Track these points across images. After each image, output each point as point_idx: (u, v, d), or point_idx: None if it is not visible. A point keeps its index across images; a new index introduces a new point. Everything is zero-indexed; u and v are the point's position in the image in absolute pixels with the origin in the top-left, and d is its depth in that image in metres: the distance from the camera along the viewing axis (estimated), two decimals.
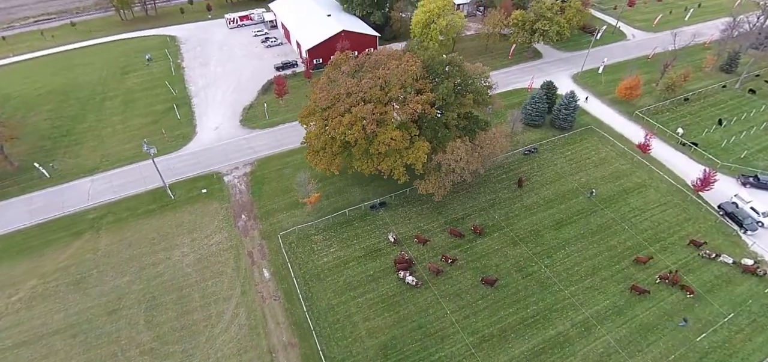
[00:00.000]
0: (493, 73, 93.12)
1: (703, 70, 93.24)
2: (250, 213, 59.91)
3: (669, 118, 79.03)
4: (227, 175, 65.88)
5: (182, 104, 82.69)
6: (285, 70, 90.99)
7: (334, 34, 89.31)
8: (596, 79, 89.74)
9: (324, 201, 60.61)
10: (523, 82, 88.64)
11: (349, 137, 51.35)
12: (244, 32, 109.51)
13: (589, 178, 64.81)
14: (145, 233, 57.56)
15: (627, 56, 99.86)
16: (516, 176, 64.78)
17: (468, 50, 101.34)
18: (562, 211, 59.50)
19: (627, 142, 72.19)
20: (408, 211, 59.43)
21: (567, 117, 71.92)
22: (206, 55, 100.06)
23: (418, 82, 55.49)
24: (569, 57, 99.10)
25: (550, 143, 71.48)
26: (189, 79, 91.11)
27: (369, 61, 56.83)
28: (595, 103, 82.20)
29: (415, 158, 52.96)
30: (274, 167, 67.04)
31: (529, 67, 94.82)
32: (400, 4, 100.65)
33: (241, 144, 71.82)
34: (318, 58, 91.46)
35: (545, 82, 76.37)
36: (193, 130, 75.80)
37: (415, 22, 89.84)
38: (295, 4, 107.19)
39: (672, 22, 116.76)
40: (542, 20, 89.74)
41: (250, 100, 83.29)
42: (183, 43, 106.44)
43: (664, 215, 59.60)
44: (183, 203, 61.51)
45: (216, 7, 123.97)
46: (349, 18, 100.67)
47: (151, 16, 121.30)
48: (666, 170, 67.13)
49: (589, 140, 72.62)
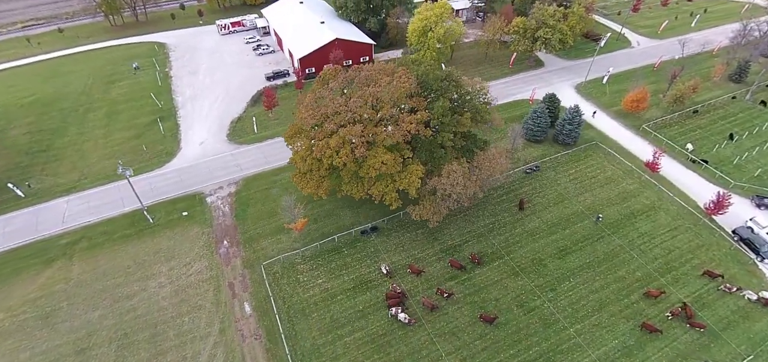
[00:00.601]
0: (493, 82, 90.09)
1: (712, 80, 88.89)
2: (232, 239, 55.83)
3: (677, 132, 74.73)
4: (210, 196, 61.78)
5: (168, 116, 78.60)
6: (276, 80, 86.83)
7: (327, 43, 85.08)
8: (601, 90, 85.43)
9: (312, 225, 56.50)
10: (525, 93, 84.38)
11: (336, 160, 47.31)
12: (235, 39, 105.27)
13: (594, 199, 60.64)
14: (120, 261, 53.50)
15: (632, 65, 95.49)
16: (517, 196, 60.62)
17: (467, 58, 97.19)
18: (566, 237, 55.33)
19: (634, 159, 67.93)
20: (401, 237, 55.29)
21: (571, 132, 67.69)
22: (195, 64, 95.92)
23: (412, 99, 51.34)
24: (572, 66, 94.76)
25: (552, 160, 67.20)
26: (176, 89, 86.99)
27: (359, 77, 52.64)
28: (600, 115, 77.81)
29: (409, 183, 48.81)
30: (261, 186, 62.92)
31: (530, 77, 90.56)
32: (397, 10, 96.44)
33: (227, 161, 67.70)
34: (310, 67, 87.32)
35: (547, 94, 72.13)
36: (178, 145, 71.66)
37: (412, 30, 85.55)
38: (287, 9, 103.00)
39: (678, 28, 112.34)
40: (544, 28, 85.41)
41: (239, 112, 79.15)
42: (172, 50, 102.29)
43: (675, 241, 55.39)
44: (162, 227, 57.44)
45: (208, 12, 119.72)
46: (343, 25, 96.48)
47: (141, 22, 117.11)
48: (676, 190, 62.89)
49: (594, 156, 68.38)
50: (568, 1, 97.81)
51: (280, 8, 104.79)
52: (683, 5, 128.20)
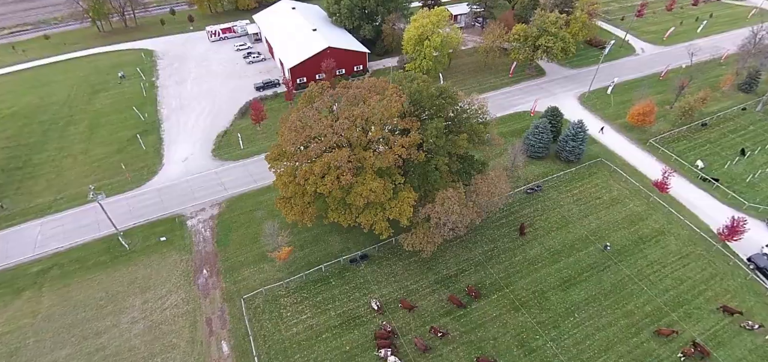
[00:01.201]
0: (492, 93, 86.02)
1: (721, 90, 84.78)
2: (212, 267, 51.90)
3: (686, 147, 70.63)
4: (191, 218, 57.83)
5: (151, 130, 74.62)
6: (265, 91, 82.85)
7: (318, 52, 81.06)
8: (605, 101, 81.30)
9: (297, 252, 52.55)
10: (525, 104, 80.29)
11: (321, 188, 43.37)
12: (226, 46, 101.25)
13: (600, 223, 56.60)
14: (92, 292, 49.55)
15: (637, 73, 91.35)
16: (517, 220, 56.59)
17: (465, 67, 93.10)
18: (570, 265, 51.29)
19: (641, 177, 63.86)
20: (393, 265, 51.28)
21: (574, 149, 63.64)
22: (183, 72, 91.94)
23: (404, 119, 47.32)
24: (575, 75, 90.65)
25: (555, 179, 63.18)
26: (162, 99, 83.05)
27: (347, 95, 48.61)
28: (604, 129, 73.71)
29: (400, 212, 44.83)
30: (245, 208, 58.97)
31: (531, 87, 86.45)
32: (393, 16, 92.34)
33: (211, 180, 63.74)
34: (301, 77, 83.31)
35: (549, 108, 68.03)
36: (160, 162, 67.70)
37: (407, 39, 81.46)
38: (279, 16, 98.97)
39: (684, 34, 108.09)
40: (546, 36, 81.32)
41: (226, 125, 75.13)
42: (160, 58, 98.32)
43: (686, 270, 51.35)
44: (139, 254, 53.48)
45: (199, 17, 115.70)
46: (337, 32, 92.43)
47: (130, 28, 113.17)
48: (686, 212, 58.80)
49: (599, 175, 64.31)
50: (570, 6, 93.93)
51: (272, 14, 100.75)
52: (688, 10, 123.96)
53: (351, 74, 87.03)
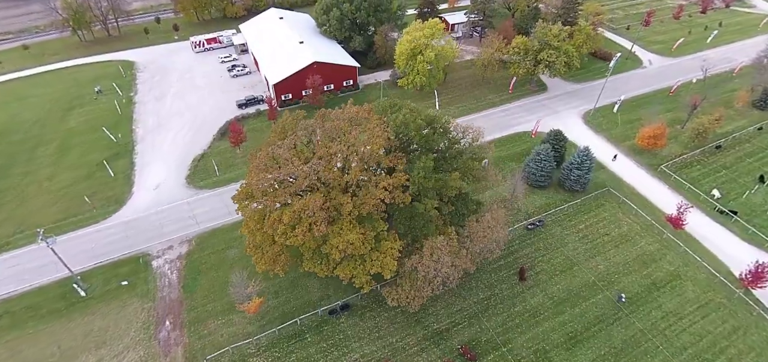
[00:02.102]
0: (491, 111, 79.66)
1: (735, 107, 78.41)
2: (177, 318, 46.01)
3: (699, 173, 64.41)
4: (157, 258, 51.92)
5: (123, 152, 68.63)
6: (248, 108, 76.78)
7: (304, 67, 74.93)
8: (612, 120, 74.99)
9: (271, 300, 46.66)
10: (526, 123, 73.99)
11: (290, 240, 37.49)
12: (210, 58, 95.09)
13: (608, 265, 50.51)
14: (42, 347, 43.72)
15: (645, 88, 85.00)
16: (517, 262, 50.56)
17: (462, 81, 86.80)
18: (576, 318, 45.24)
19: (653, 209, 57.69)
20: (377, 318, 45.26)
21: (580, 178, 57.59)
22: (164, 86, 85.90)
23: (389, 156, 41.35)
24: (579, 90, 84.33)
25: (559, 212, 57.02)
26: (138, 117, 77.04)
27: (324, 128, 42.66)
28: (611, 152, 67.39)
29: (382, 265, 38.95)
30: (217, 245, 53.01)
31: (532, 103, 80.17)
32: (385, 27, 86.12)
33: (182, 212, 57.82)
34: (287, 93, 77.24)
35: (552, 131, 61.80)
36: (129, 190, 61.77)
37: (399, 53, 75.20)
38: (266, 26, 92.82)
39: (693, 44, 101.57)
40: (548, 49, 75.03)
41: (204, 147, 69.02)
42: (141, 70, 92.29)
43: (706, 322, 45.23)
44: (97, 301, 47.61)
45: (185, 26, 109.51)
46: (326, 44, 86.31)
47: (113, 37, 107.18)
48: (703, 250, 52.61)
49: (606, 207, 58.14)
50: (573, 13, 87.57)
51: (259, 24, 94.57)
52: (696, 18, 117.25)
53: (340, 90, 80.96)
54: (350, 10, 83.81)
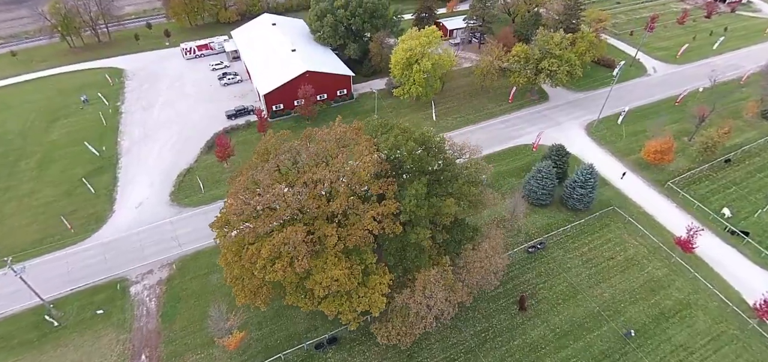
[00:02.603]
0: (490, 121, 76.14)
1: (744, 118, 74.98)
2: (153, 351, 42.84)
3: (708, 190, 61.09)
4: (136, 284, 48.80)
5: (107, 166, 65.46)
6: (237, 120, 73.52)
7: (296, 76, 71.70)
8: (616, 132, 71.62)
9: (254, 332, 43.45)
10: (527, 135, 70.66)
11: (270, 275, 34.34)
12: (201, 65, 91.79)
13: (614, 292, 47.24)
14: None
15: (650, 97, 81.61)
16: (516, 289, 47.34)
17: (460, 90, 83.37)
18: (579, 353, 41.89)
19: (660, 230, 54.37)
20: (367, 352, 42.00)
21: (583, 197, 54.36)
22: (152, 95, 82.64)
23: (378, 181, 38.15)
24: (581, 99, 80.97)
25: (561, 233, 53.72)
26: (124, 129, 73.79)
27: (309, 152, 39.48)
28: (615, 167, 64.17)
29: (370, 303, 35.83)
30: (199, 270, 49.80)
31: (533, 114, 76.78)
32: (381, 34, 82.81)
33: (164, 232, 54.64)
34: (278, 103, 74.04)
35: (554, 146, 58.49)
36: (111, 208, 58.62)
37: (395, 62, 71.92)
38: (258, 32, 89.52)
39: (698, 51, 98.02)
40: (549, 58, 71.69)
41: (190, 161, 65.84)
42: (129, 78, 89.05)
43: (719, 357, 41.82)
44: (70, 332, 44.41)
45: (177, 32, 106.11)
46: (319, 52, 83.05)
47: (103, 43, 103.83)
48: (714, 275, 49.29)
49: (611, 227, 54.79)
50: (575, 19, 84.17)
51: (251, 31, 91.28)
52: (701, 23, 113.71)
53: (334, 99, 77.72)
54: (345, 17, 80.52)
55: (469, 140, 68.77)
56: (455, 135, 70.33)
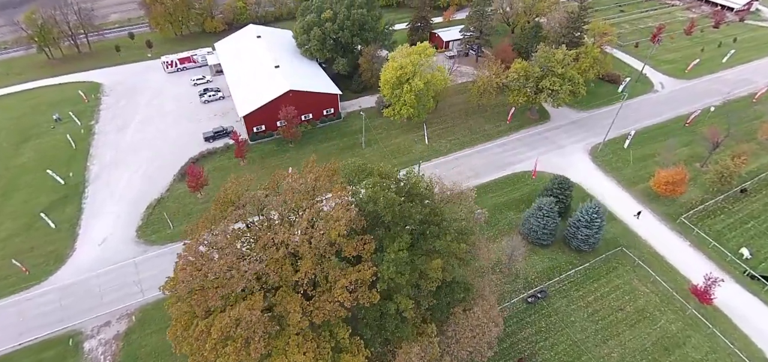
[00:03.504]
0: (487, 145, 69.72)
1: (758, 141, 69.20)
2: None
3: (725, 225, 55.38)
4: (91, 338, 43.27)
5: (72, 195, 59.90)
6: (215, 142, 67.79)
7: (279, 96, 66.04)
8: (622, 157, 65.85)
9: None
10: (526, 160, 64.85)
11: (221, 358, 28.87)
12: (183, 79, 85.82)
13: (623, 353, 41.61)
14: None
15: (657, 117, 75.70)
16: (514, 350, 41.69)
17: (455, 109, 77.24)
18: None
19: (673, 275, 48.65)
20: None
21: (588, 238, 48.83)
22: (128, 113, 76.85)
23: (353, 240, 32.66)
24: (585, 119, 75.13)
25: (564, 279, 48.23)
26: (95, 152, 68.09)
27: (274, 203, 34.00)
28: (623, 199, 58.55)
29: None
30: (161, 321, 43.83)
31: (533, 136, 70.91)
32: (371, 48, 77.06)
33: (127, 275, 49.16)
34: (259, 125, 68.36)
35: (556, 180, 52.84)
36: (72, 244, 53.10)
37: (384, 81, 66.24)
38: (241, 45, 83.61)
39: (707, 64, 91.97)
40: (551, 77, 66.02)
41: (161, 190, 60.28)
42: (107, 93, 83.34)
43: None
44: None
45: (160, 43, 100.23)
46: (305, 67, 77.26)
47: (83, 54, 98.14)
48: (733, 329, 43.65)
49: (619, 271, 49.13)
50: (578, 32, 78.29)
51: (234, 43, 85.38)
52: (708, 33, 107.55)
53: (320, 119, 72.14)
54: (332, 30, 74.82)
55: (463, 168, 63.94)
56: (449, 160, 65.21)
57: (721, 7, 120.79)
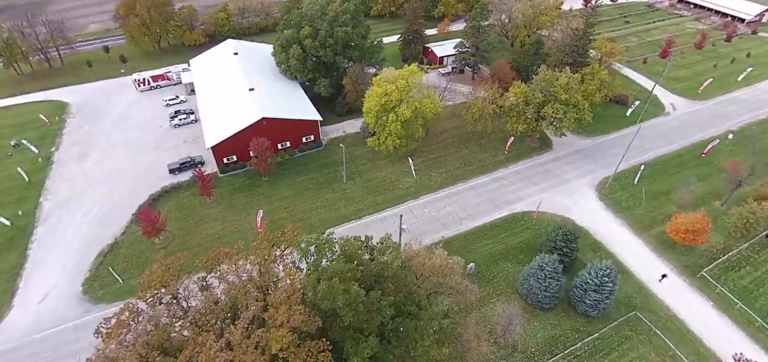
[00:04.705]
0: (482, 178, 61.45)
1: None
2: None
3: (751, 280, 47.66)
4: None
5: (18, 239, 52.34)
6: (180, 175, 60.45)
7: (250, 125, 58.59)
8: (633, 194, 58.26)
9: None
10: (526, 197, 57.28)
11: None
12: (156, 98, 78.33)
13: None
14: None
15: (670, 145, 67.96)
16: None
17: (448, 136, 69.22)
18: None
19: (696, 346, 40.92)
20: None
21: (598, 303, 41.56)
22: (92, 139, 69.20)
23: (305, 347, 25.40)
24: (591, 147, 67.47)
25: (569, 354, 40.39)
26: (51, 184, 60.65)
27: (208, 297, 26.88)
28: (636, 248, 50.78)
29: None
30: None
31: (534, 168, 63.08)
32: (356, 67, 69.52)
33: (64, 344, 41.62)
34: (230, 155, 60.91)
35: (560, 229, 45.29)
36: (9, 301, 45.68)
37: (368, 109, 58.86)
38: (216, 62, 75.89)
39: (721, 82, 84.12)
40: (553, 104, 58.56)
41: (116, 233, 52.47)
42: (73, 114, 75.89)
43: None
44: None
45: (136, 57, 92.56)
46: (284, 88, 69.60)
47: (54, 69, 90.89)
48: None
49: (633, 341, 41.44)
50: (583, 51, 70.72)
51: (209, 60, 77.67)
52: (720, 47, 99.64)
53: (298, 147, 64.87)
54: (313, 48, 67.46)
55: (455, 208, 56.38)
56: (440, 197, 57.72)
57: (731, 19, 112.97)
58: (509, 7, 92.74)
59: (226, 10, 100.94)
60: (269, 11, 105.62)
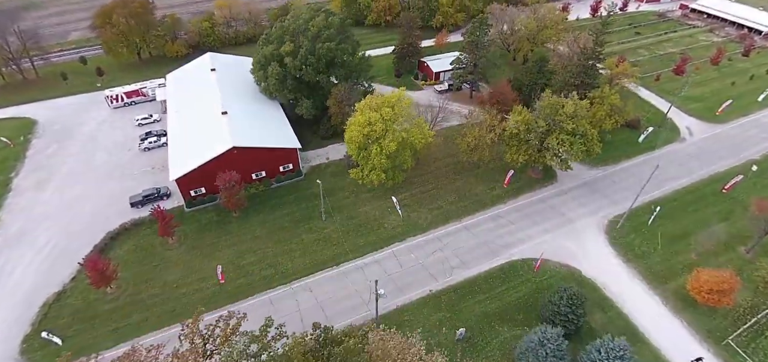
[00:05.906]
0: (477, 217, 54.10)
1: None
2: None
3: None
4: None
5: None
6: (145, 209, 53.83)
7: (220, 154, 51.97)
8: (646, 238, 50.83)
9: None
10: (528, 240, 50.10)
11: None
12: (128, 116, 71.56)
13: None
14: None
15: (686, 176, 60.58)
16: None
17: (441, 166, 61.79)
18: None
19: None
20: None
21: None
22: (55, 163, 62.67)
23: None
24: (599, 179, 60.25)
25: None
26: (5, 216, 54.16)
27: None
28: (652, 307, 43.46)
29: None
30: None
31: (535, 205, 55.69)
32: (342, 87, 62.72)
33: None
34: (198, 187, 54.36)
35: (566, 293, 38.31)
36: None
37: (349, 139, 51.98)
38: (192, 78, 69.27)
39: (739, 102, 76.07)
40: (558, 134, 51.63)
41: (64, 280, 45.77)
42: (39, 134, 69.31)
43: None
44: None
45: (115, 69, 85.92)
46: (262, 110, 62.87)
47: (28, 82, 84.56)
48: None
49: None
50: (591, 70, 63.40)
51: (185, 76, 70.86)
52: (737, 62, 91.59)
53: (275, 177, 58.32)
54: (294, 66, 60.77)
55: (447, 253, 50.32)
56: (429, 240, 50.73)
57: (748, 31, 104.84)
58: (511, 18, 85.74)
59: (211, 20, 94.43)
60: (257, 20, 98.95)
